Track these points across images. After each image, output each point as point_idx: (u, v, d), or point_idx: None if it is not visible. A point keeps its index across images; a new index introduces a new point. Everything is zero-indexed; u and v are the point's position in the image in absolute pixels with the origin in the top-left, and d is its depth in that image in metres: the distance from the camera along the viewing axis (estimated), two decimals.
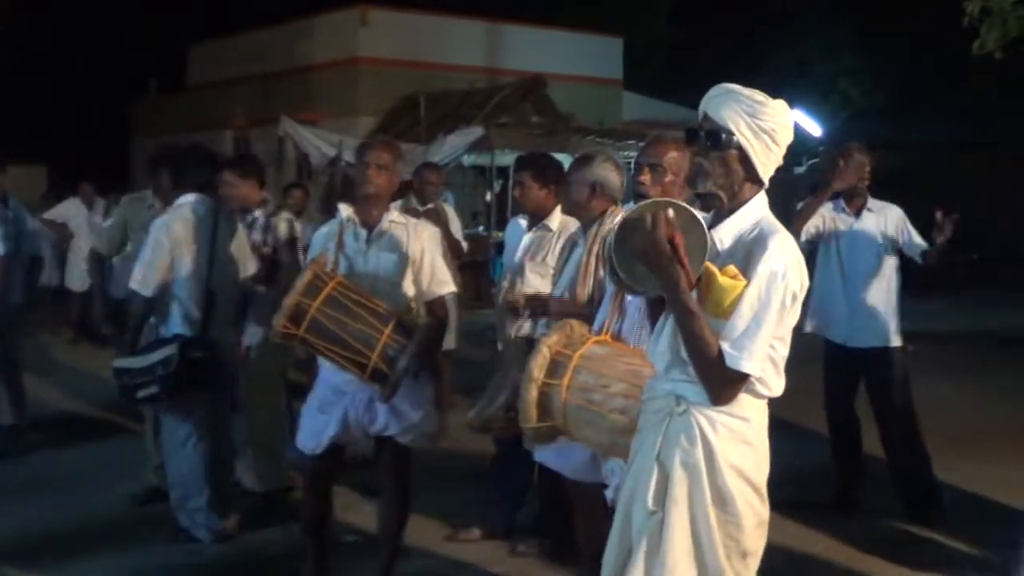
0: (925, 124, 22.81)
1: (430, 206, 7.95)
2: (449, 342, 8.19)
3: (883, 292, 6.22)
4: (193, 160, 5.84)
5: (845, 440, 6.42)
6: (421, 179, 8.06)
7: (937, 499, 6.24)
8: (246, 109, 22.38)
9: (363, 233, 4.69)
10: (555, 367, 3.61)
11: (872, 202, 6.28)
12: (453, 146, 15.97)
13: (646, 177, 4.13)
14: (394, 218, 4.76)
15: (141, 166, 23.14)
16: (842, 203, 6.29)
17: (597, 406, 3.49)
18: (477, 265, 15.30)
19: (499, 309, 5.68)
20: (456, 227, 8.19)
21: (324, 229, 4.87)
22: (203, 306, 5.56)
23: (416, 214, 7.87)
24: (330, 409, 4.66)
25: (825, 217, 6.27)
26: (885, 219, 6.26)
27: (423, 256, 4.74)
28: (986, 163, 21.30)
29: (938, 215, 5.97)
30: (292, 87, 21.26)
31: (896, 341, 6.25)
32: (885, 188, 6.48)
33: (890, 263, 6.26)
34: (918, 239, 6.27)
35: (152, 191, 6.54)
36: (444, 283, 4.81)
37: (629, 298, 3.95)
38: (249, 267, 5.98)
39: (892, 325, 6.24)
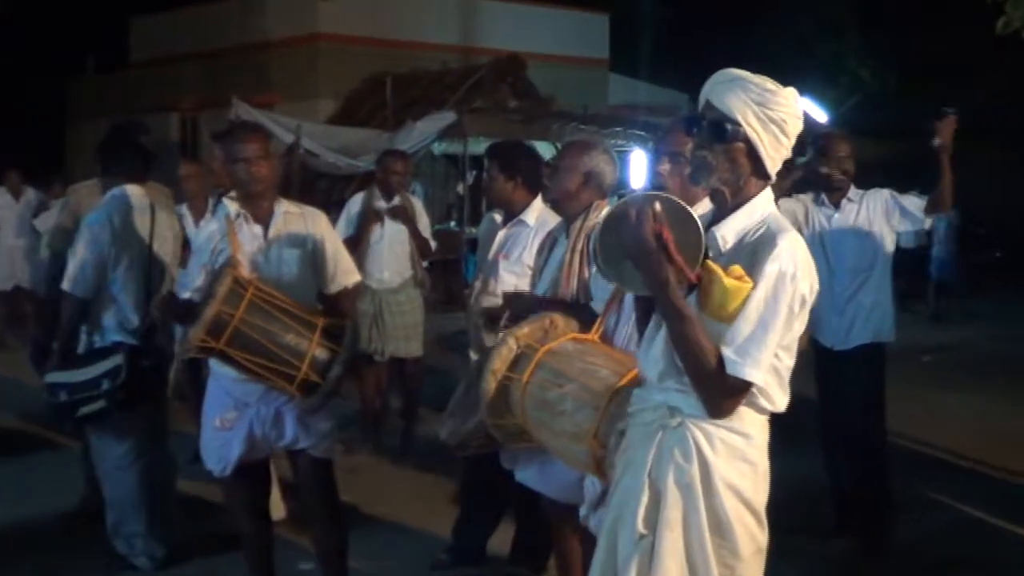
0: (941, 109, 22.88)
1: (396, 200, 7.92)
2: (417, 349, 8.20)
3: (873, 288, 6.18)
4: (127, 148, 5.76)
5: (843, 461, 6.25)
6: (385, 169, 8.01)
7: (890, 521, 6.18)
8: (194, 90, 22.29)
9: (259, 229, 4.69)
10: (519, 360, 3.63)
11: (853, 192, 6.25)
12: (422, 133, 15.95)
13: (665, 167, 4.05)
14: (288, 208, 4.77)
15: (78, 151, 23.02)
16: (823, 196, 6.28)
17: (550, 406, 3.51)
18: (449, 264, 15.30)
19: (471, 313, 5.67)
20: (424, 223, 8.17)
21: (212, 227, 4.84)
22: (143, 311, 5.50)
23: (377, 216, 7.82)
24: (233, 424, 4.66)
25: (808, 209, 6.27)
26: (868, 207, 6.20)
27: (324, 246, 4.78)
28: (1013, 152, 21.29)
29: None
30: (245, 66, 21.18)
31: (886, 338, 6.24)
32: (898, 179, 6.48)
33: (879, 255, 6.20)
34: (913, 202, 6.18)
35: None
36: (349, 272, 4.89)
37: (628, 295, 3.96)
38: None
39: (884, 322, 6.21)
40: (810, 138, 6.44)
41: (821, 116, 24.29)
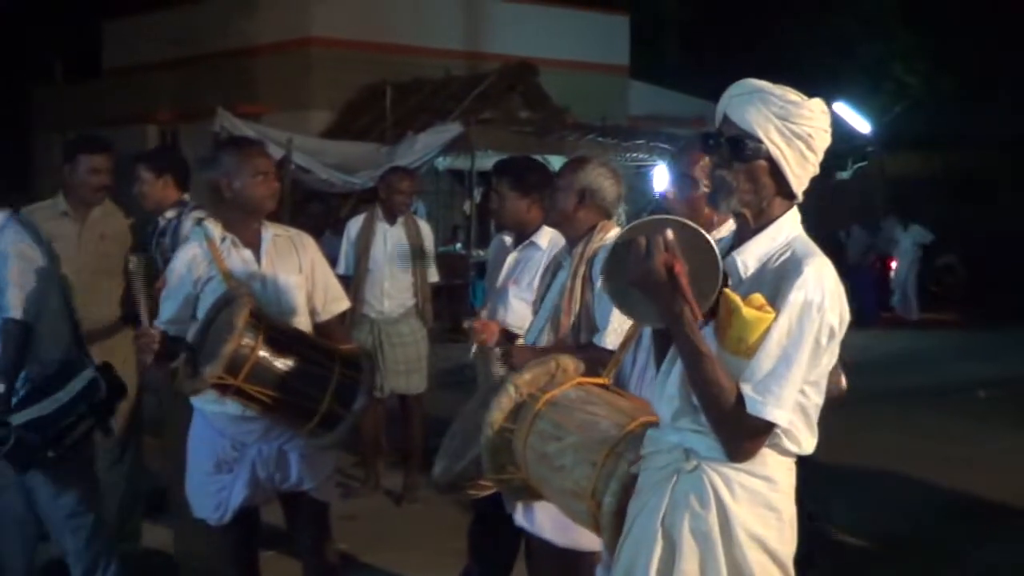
0: (1001, 116, 22.82)
1: (400, 222, 8.01)
2: (419, 384, 8.27)
3: None
4: None
5: None
6: (389, 188, 8.10)
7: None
8: (173, 100, 22.41)
9: (249, 254, 4.76)
10: (520, 410, 3.66)
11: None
12: (425, 146, 16.03)
13: (672, 191, 4.07)
14: (276, 231, 4.87)
15: (45, 166, 23.16)
16: None
17: (549, 460, 3.53)
18: (454, 290, 15.36)
19: (472, 341, 5.72)
20: (429, 244, 8.26)
21: (191, 252, 4.83)
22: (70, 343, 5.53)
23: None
24: (235, 467, 4.71)
25: None
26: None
27: (315, 271, 4.89)
28: None
29: None
30: (230, 74, 21.28)
31: None
32: (952, 195, 6.38)
33: None
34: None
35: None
36: (340, 299, 5.00)
37: (646, 332, 3.99)
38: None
39: None
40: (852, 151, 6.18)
41: (863, 126, 24.37)
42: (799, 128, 2.99)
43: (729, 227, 3.23)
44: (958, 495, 7.98)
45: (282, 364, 4.44)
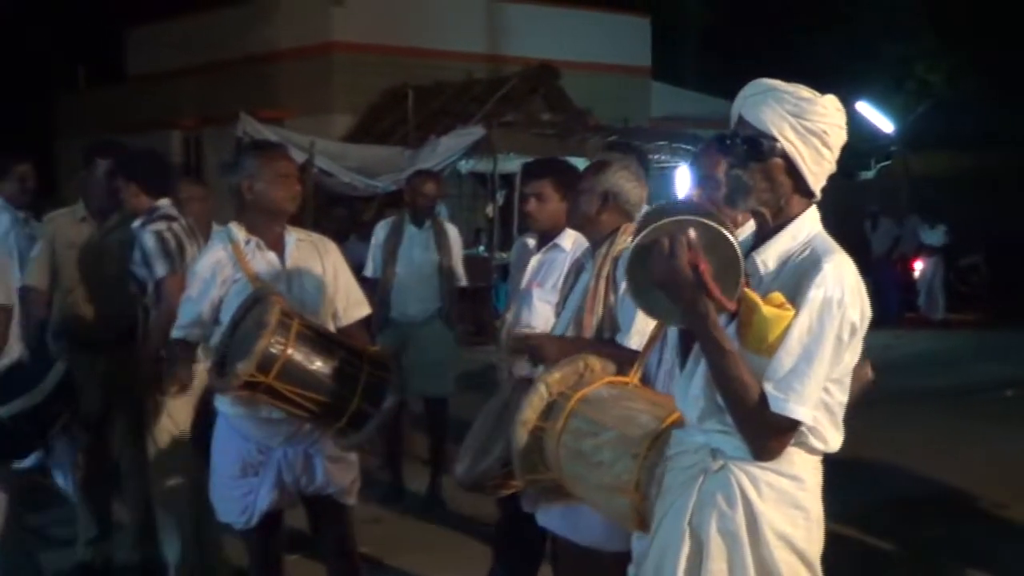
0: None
1: (428, 225, 8.04)
2: (444, 387, 8.29)
3: None
4: None
5: None
6: (413, 191, 8.13)
7: None
8: (196, 105, 22.51)
9: (274, 256, 4.79)
10: (551, 409, 3.68)
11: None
12: (447, 149, 16.07)
13: (697, 192, 4.10)
14: (299, 235, 4.91)
15: (69, 172, 23.27)
16: None
17: (585, 457, 3.54)
18: (478, 292, 15.37)
19: (502, 345, 5.74)
20: (458, 252, 8.28)
21: (215, 255, 4.82)
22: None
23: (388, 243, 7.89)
24: (260, 471, 4.72)
25: None
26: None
27: (337, 275, 4.93)
28: None
29: None
30: (252, 79, 21.36)
31: None
32: (976, 194, 6.38)
33: None
34: None
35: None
36: (361, 304, 5.04)
37: (672, 331, 4.01)
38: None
39: None
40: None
41: (886, 126, 24.23)
42: (813, 125, 3.01)
43: (752, 227, 3.23)
44: (979, 495, 7.96)
45: (312, 362, 4.45)
